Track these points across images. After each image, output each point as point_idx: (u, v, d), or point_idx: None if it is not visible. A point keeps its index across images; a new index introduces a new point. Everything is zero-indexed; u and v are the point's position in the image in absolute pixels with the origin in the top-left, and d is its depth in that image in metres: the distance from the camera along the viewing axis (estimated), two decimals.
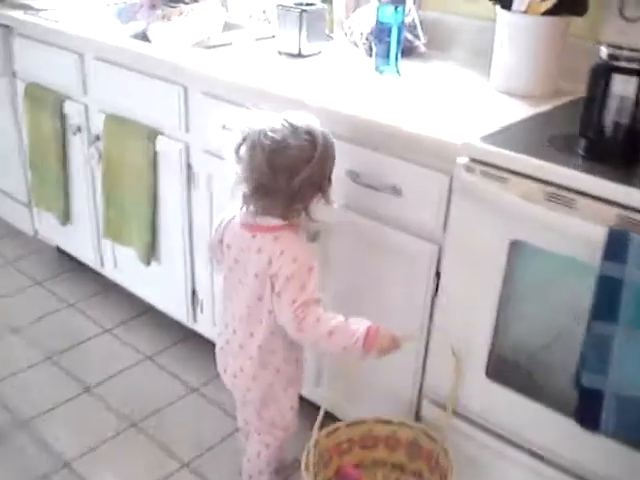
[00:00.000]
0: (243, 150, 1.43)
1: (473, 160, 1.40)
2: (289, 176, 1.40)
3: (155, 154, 2.13)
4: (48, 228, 2.78)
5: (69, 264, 2.82)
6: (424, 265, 1.59)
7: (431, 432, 1.66)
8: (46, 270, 2.84)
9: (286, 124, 1.43)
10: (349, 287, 1.78)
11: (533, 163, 1.33)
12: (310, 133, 1.43)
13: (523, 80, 1.75)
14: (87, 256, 2.66)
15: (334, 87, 1.80)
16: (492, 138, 1.42)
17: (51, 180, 2.58)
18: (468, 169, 1.39)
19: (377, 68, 1.93)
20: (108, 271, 2.60)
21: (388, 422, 1.72)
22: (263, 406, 1.64)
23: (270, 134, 1.40)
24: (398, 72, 1.90)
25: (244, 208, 1.51)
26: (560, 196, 1.30)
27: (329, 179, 1.49)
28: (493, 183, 1.37)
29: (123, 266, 2.50)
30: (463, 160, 1.41)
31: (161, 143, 2.10)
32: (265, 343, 1.55)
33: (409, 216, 1.58)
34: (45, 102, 2.46)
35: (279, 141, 1.40)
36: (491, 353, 1.52)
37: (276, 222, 1.48)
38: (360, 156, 1.62)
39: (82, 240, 2.63)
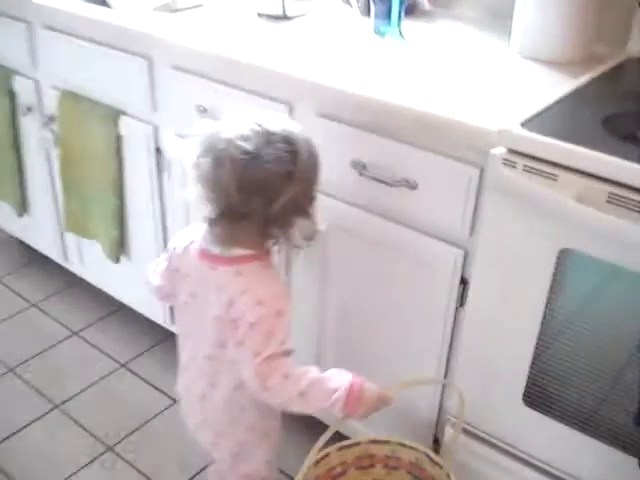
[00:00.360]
0: (204, 165, 1.12)
1: (512, 151, 1.13)
2: (266, 198, 1.11)
3: (119, 137, 1.84)
4: (4, 217, 2.48)
5: (31, 256, 2.52)
6: (446, 272, 1.33)
7: (434, 456, 1.43)
8: (5, 263, 2.55)
9: (259, 129, 1.11)
10: (353, 297, 1.52)
11: (591, 156, 1.06)
12: (289, 141, 1.12)
13: (552, 43, 1.47)
14: (49, 249, 2.37)
15: (328, 56, 1.51)
16: (534, 123, 1.14)
17: (3, 166, 2.27)
18: (507, 163, 1.13)
19: (377, 30, 1.64)
20: (73, 266, 2.31)
21: (386, 442, 1.49)
22: (234, 461, 1.37)
23: (239, 143, 1.09)
24: (402, 35, 1.62)
25: (208, 234, 1.22)
26: (625, 198, 1.03)
27: (313, 197, 1.20)
28: (539, 181, 1.10)
29: (90, 261, 2.22)
30: (499, 151, 1.14)
31: (125, 125, 1.81)
32: (230, 397, 1.28)
33: (427, 215, 1.32)
34: None
35: (250, 152, 1.09)
36: (530, 377, 1.27)
37: (241, 252, 1.19)
38: (367, 143, 1.34)
39: (42, 232, 2.33)
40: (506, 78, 1.41)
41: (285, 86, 1.44)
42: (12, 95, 2.10)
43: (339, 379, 1.18)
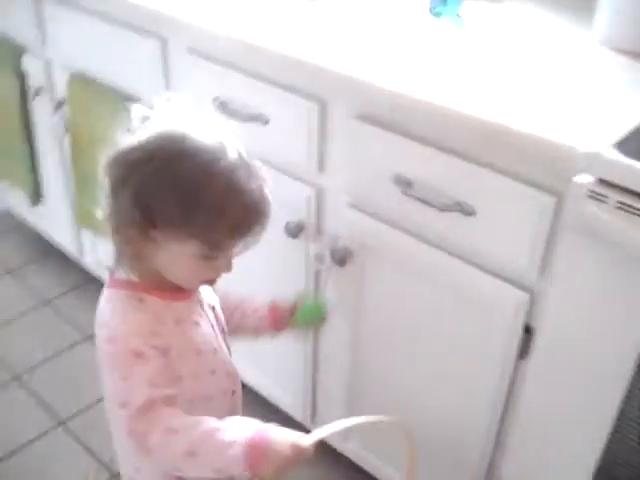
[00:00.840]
0: None
1: (603, 182, 0.86)
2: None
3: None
4: (20, 205, 2.29)
5: (47, 247, 2.33)
6: (506, 317, 1.08)
7: None
8: (22, 253, 2.36)
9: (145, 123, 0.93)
10: (391, 330, 1.28)
11: None
12: (154, 136, 0.90)
13: None
14: (64, 242, 2.18)
15: (371, 43, 1.25)
16: (632, 145, 0.88)
17: (15, 151, 2.08)
18: (594, 196, 0.86)
19: (432, 11, 1.37)
20: (89, 263, 2.12)
21: None
22: None
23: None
24: (461, 17, 1.35)
25: None
26: None
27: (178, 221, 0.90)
28: (637, 222, 0.84)
29: (106, 258, 2.02)
30: (585, 180, 0.88)
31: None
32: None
33: (485, 248, 1.07)
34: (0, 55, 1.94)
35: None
36: (606, 452, 1.02)
37: (121, 274, 0.97)
38: (414, 156, 1.09)
39: (57, 224, 2.14)
40: (589, 77, 1.14)
41: (316, 80, 1.19)
42: (22, 76, 1.90)
43: (237, 430, 0.90)
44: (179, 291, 0.99)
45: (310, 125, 1.23)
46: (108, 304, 0.97)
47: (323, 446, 1.48)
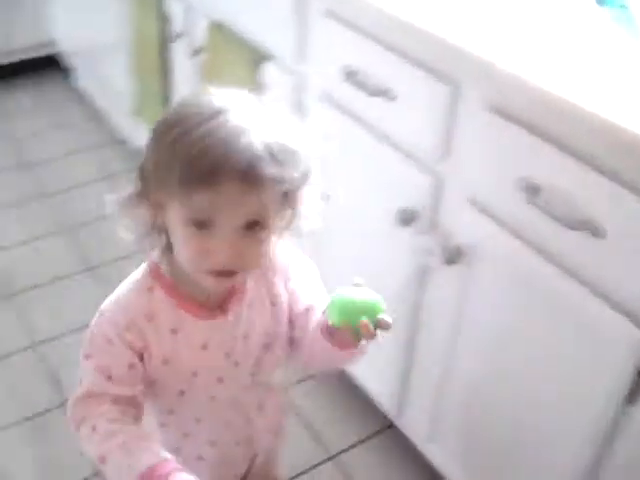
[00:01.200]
0: None
1: None
2: None
3: (260, 85, 1.57)
4: None
5: None
6: (617, 354, 0.96)
7: None
8: None
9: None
10: (491, 342, 1.19)
11: None
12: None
13: None
14: None
15: (521, 28, 1.13)
16: None
17: (152, 91, 2.10)
18: None
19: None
20: None
21: None
22: None
23: None
24: (625, 7, 1.20)
25: None
26: None
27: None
28: None
29: None
30: None
31: (267, 73, 1.54)
32: None
33: (611, 274, 0.95)
34: None
35: None
36: None
37: (154, 256, 0.89)
38: (546, 160, 0.98)
39: None
40: None
41: (454, 62, 1.10)
42: (164, 18, 1.90)
43: (143, 459, 0.80)
44: (202, 307, 0.89)
45: (440, 108, 1.14)
46: (133, 273, 0.91)
47: (405, 442, 1.43)
